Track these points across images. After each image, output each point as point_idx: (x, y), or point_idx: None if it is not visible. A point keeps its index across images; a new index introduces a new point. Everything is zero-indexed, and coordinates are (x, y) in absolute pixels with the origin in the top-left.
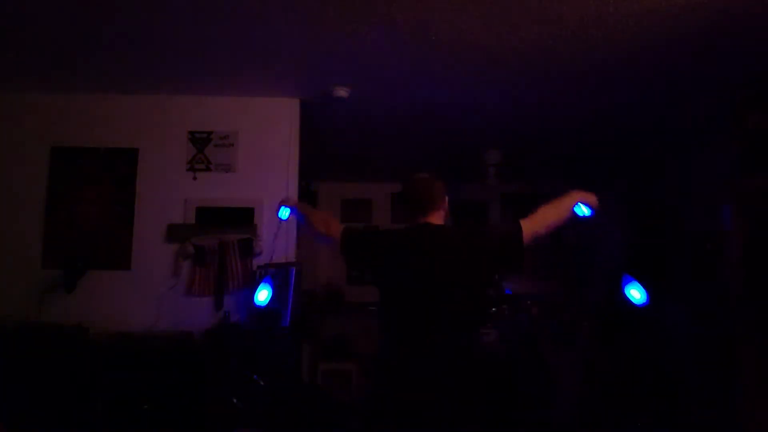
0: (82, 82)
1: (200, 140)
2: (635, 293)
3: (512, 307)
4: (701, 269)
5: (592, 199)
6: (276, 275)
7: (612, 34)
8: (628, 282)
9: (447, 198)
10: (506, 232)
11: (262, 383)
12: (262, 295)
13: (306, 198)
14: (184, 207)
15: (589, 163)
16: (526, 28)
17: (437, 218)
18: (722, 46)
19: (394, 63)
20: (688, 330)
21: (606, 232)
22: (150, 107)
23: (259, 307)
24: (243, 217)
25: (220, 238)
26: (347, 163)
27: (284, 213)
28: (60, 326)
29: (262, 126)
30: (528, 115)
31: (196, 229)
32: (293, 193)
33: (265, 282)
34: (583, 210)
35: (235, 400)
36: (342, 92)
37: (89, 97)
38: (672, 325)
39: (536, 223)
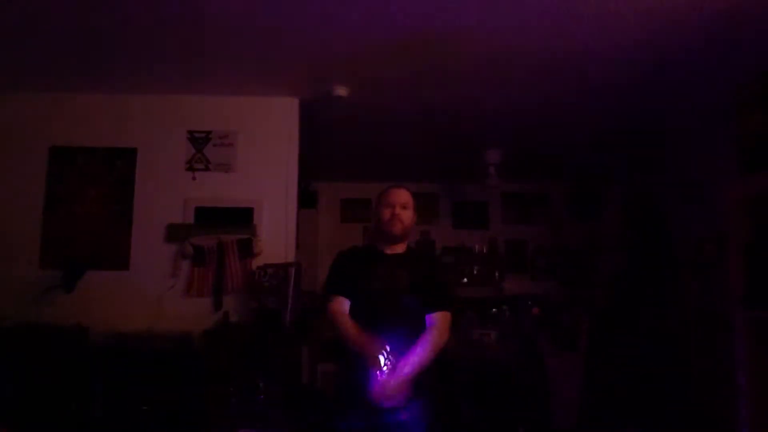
0: (82, 82)
1: (199, 140)
2: None
3: (512, 308)
4: (701, 270)
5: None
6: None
7: (613, 34)
8: None
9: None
10: (443, 284)
11: (261, 383)
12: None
13: (305, 198)
14: (183, 207)
15: (588, 163)
16: (528, 28)
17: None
18: (724, 45)
19: (393, 63)
20: (688, 330)
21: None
22: (149, 107)
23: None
24: (242, 217)
25: (219, 238)
26: (347, 163)
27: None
28: (59, 326)
29: (262, 126)
30: (528, 115)
31: (195, 229)
32: (293, 193)
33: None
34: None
35: (235, 400)
36: (341, 91)
37: (88, 97)
38: (672, 326)
39: (444, 328)
